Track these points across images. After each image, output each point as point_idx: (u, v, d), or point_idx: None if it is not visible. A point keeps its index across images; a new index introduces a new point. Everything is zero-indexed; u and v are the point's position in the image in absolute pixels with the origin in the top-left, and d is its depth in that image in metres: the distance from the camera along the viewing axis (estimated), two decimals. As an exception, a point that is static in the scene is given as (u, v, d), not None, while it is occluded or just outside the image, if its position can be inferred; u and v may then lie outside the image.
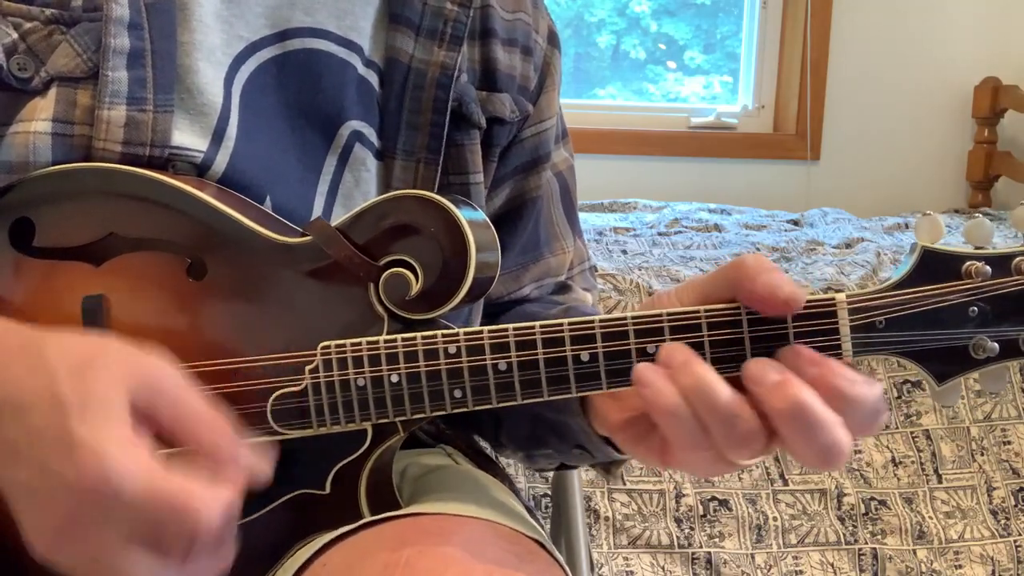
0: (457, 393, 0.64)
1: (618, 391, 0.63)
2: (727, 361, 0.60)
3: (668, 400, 0.57)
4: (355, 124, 0.78)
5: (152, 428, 0.56)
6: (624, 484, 1.75)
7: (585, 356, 0.62)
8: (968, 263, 0.59)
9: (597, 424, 0.68)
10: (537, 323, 0.63)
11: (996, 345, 0.59)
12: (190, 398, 0.58)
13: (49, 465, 0.53)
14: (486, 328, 0.63)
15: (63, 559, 0.56)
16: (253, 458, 0.60)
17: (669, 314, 0.61)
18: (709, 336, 0.60)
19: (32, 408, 0.54)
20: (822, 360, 0.58)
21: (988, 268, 0.59)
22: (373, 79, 0.79)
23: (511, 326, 0.63)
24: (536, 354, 0.62)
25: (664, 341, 0.61)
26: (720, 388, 0.57)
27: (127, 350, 0.58)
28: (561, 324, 0.62)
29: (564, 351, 0.62)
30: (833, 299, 0.60)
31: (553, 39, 0.90)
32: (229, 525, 0.57)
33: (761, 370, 0.58)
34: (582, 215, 2.47)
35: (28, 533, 0.56)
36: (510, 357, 0.63)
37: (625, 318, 0.61)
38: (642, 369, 0.59)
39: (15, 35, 0.68)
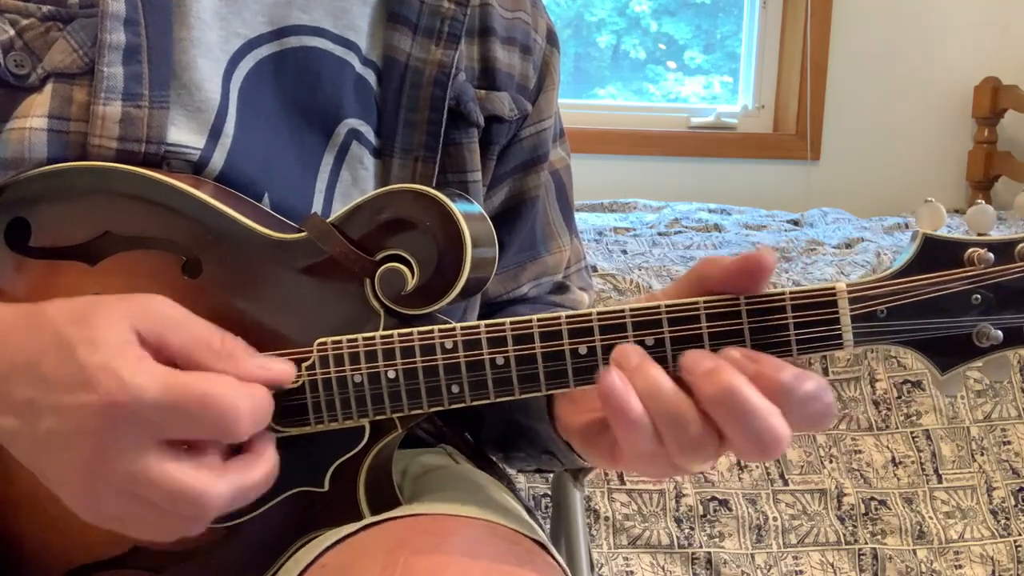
0: (454, 389, 0.64)
1: (573, 392, 0.63)
2: None
3: (633, 410, 0.57)
4: (353, 122, 0.78)
5: (163, 357, 0.57)
6: (624, 484, 1.75)
7: (583, 350, 0.62)
8: (970, 250, 0.59)
9: (560, 428, 0.68)
10: (535, 317, 0.62)
11: (1000, 333, 0.59)
12: (196, 323, 0.59)
13: (68, 404, 0.54)
14: (483, 323, 0.63)
15: (102, 504, 0.56)
16: (275, 365, 0.61)
17: (667, 306, 0.60)
18: (708, 328, 0.60)
19: (42, 361, 0.55)
20: (758, 356, 0.57)
21: (991, 255, 0.58)
22: (371, 78, 0.79)
23: (508, 320, 0.63)
24: (533, 348, 0.62)
25: (662, 334, 0.60)
26: (672, 391, 0.57)
27: (124, 295, 0.59)
28: (559, 317, 0.62)
29: (562, 345, 0.62)
30: (833, 288, 0.60)
31: (552, 38, 0.90)
32: (262, 427, 0.57)
33: (695, 359, 0.57)
34: (582, 215, 2.49)
35: (63, 489, 0.56)
36: (507, 352, 0.62)
37: (623, 311, 0.61)
38: (612, 379, 0.57)
39: (12, 32, 0.68)
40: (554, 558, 0.72)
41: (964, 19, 2.95)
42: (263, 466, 0.59)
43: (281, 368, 0.62)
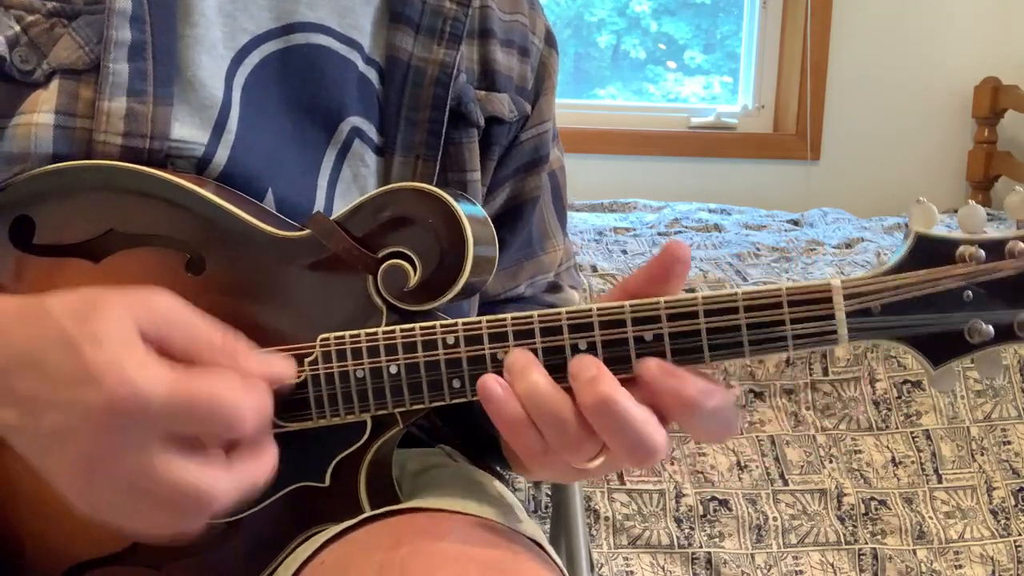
0: (456, 383, 0.64)
1: None
2: (724, 348, 0.61)
3: (510, 412, 0.60)
4: (355, 120, 0.78)
5: (167, 354, 0.56)
6: (624, 484, 1.75)
7: (583, 345, 0.62)
8: (962, 248, 0.59)
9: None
10: (535, 312, 0.63)
11: (991, 329, 0.59)
12: (198, 320, 0.58)
13: (72, 400, 0.54)
14: (484, 318, 0.63)
15: (104, 499, 0.56)
16: (276, 363, 0.61)
17: (667, 302, 0.61)
18: (706, 323, 0.60)
19: (45, 356, 0.55)
20: (673, 369, 0.60)
21: (982, 252, 0.59)
22: (373, 76, 0.80)
23: (509, 316, 0.63)
24: (534, 343, 0.62)
25: (662, 329, 0.61)
26: (551, 394, 0.60)
27: (126, 290, 0.58)
28: (559, 313, 0.62)
29: (562, 340, 0.62)
30: (829, 285, 0.60)
31: (550, 40, 0.91)
32: (265, 424, 0.58)
33: (579, 366, 0.60)
34: (582, 215, 2.49)
35: (60, 481, 0.56)
36: (508, 347, 0.63)
37: (623, 306, 0.61)
38: (488, 383, 0.61)
39: (17, 28, 0.69)
40: (550, 556, 0.73)
41: (964, 19, 2.95)
42: (266, 460, 0.59)
43: (282, 364, 0.62)
